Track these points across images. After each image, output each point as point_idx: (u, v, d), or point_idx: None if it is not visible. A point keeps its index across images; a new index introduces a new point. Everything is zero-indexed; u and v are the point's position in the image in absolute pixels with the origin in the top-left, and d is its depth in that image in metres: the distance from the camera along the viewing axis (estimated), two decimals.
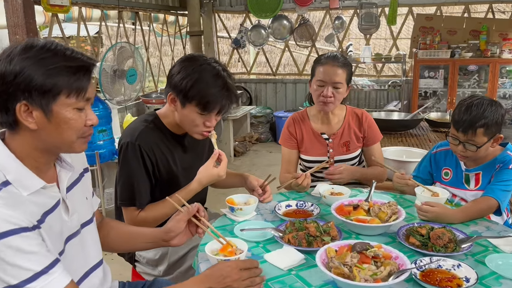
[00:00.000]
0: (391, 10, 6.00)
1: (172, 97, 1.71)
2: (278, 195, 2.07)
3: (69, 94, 1.09)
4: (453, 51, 5.69)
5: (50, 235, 1.13)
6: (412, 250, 1.50)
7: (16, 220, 1.03)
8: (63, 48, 1.10)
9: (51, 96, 1.07)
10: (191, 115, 1.70)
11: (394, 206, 1.69)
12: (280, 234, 1.58)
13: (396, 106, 6.06)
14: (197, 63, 1.68)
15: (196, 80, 1.64)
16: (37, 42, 1.09)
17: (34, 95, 1.06)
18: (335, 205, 1.75)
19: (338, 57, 2.21)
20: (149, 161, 1.72)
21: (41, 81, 1.05)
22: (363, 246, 1.38)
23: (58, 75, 1.06)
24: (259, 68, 8.45)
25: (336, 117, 2.34)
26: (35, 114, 1.08)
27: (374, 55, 6.23)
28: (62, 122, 1.11)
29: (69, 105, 1.10)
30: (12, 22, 3.02)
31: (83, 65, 1.11)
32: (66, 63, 1.08)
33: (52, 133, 1.11)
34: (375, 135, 2.33)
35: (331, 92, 2.17)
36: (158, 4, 5.94)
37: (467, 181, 2.00)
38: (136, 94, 4.35)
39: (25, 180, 1.10)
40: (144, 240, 1.50)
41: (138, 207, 1.73)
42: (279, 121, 6.55)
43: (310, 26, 6.51)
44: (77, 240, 1.26)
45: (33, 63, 1.05)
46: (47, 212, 1.14)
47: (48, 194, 1.16)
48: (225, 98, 1.69)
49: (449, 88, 5.79)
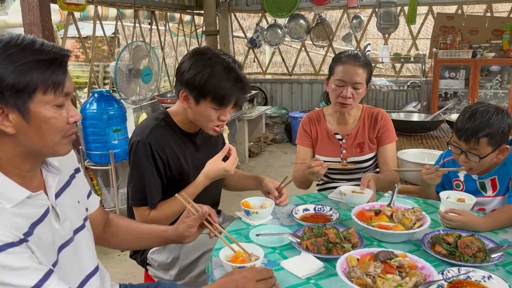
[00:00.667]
0: (410, 9, 5.87)
1: (184, 95, 1.66)
2: (295, 198, 2.00)
3: (46, 91, 1.00)
4: (474, 51, 5.54)
5: (40, 247, 1.04)
6: (438, 259, 1.42)
7: (0, 236, 0.94)
8: (31, 41, 1.00)
9: (26, 94, 0.98)
10: (206, 111, 1.65)
11: (418, 212, 1.61)
12: (298, 240, 1.50)
13: (415, 107, 5.93)
14: (206, 56, 1.63)
15: (209, 75, 1.59)
16: (2, 38, 0.99)
17: (7, 95, 0.97)
18: (355, 210, 1.67)
19: (359, 56, 2.12)
20: (159, 159, 1.68)
21: (12, 80, 0.96)
22: (387, 255, 1.30)
23: (30, 70, 0.97)
24: (274, 68, 8.38)
25: (352, 117, 2.26)
26: (11, 116, 0.99)
27: (393, 55, 6.10)
28: (42, 122, 1.01)
29: (47, 103, 1.01)
30: (28, 20, 3.01)
31: (56, 57, 1.01)
32: (36, 56, 0.98)
33: (33, 136, 1.02)
34: (389, 135, 2.22)
35: (351, 93, 2.08)
36: (174, 3, 5.92)
37: (483, 188, 1.90)
38: (151, 93, 4.33)
39: (7, 191, 1.01)
40: (155, 240, 1.46)
41: (150, 207, 1.68)
42: (295, 122, 6.47)
43: (327, 26, 6.42)
44: (70, 248, 1.18)
45: (1, 61, 0.95)
46: (36, 223, 1.05)
47: (35, 203, 1.07)
48: (239, 90, 1.65)
49: (470, 89, 5.64)
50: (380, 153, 2.23)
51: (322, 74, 7.20)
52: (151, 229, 1.48)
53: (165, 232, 1.44)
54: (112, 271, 3.12)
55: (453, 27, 5.83)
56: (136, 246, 1.55)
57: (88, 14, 4.31)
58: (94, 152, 3.57)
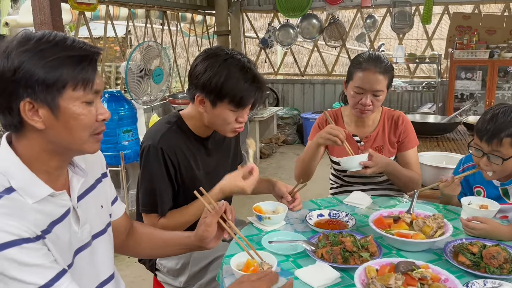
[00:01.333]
0: (426, 8, 5.76)
1: (200, 98, 1.60)
2: (308, 203, 1.93)
3: (76, 87, 1.00)
4: (492, 51, 5.43)
5: (57, 246, 1.03)
6: (462, 270, 1.34)
7: (17, 230, 0.94)
8: (62, 38, 1.00)
9: (56, 90, 0.98)
10: (224, 114, 1.59)
11: (440, 219, 1.53)
12: (313, 247, 1.43)
13: (431, 109, 5.82)
14: (221, 58, 1.57)
15: (226, 77, 1.54)
16: (34, 34, 1.00)
17: (38, 90, 0.97)
18: (373, 217, 1.59)
19: (381, 61, 1.99)
20: (171, 165, 1.62)
21: (43, 75, 0.96)
22: (408, 266, 1.22)
23: (60, 66, 0.97)
24: (286, 69, 8.32)
25: (371, 120, 2.16)
26: (41, 112, 0.99)
27: (408, 55, 5.99)
28: (71, 118, 1.01)
29: (76, 99, 1.01)
30: (38, 20, 2.98)
31: (87, 54, 1.01)
32: (67, 52, 0.99)
33: (61, 132, 1.02)
34: (410, 140, 2.13)
35: (370, 100, 1.98)
36: (185, 3, 5.89)
37: (506, 195, 1.80)
38: (162, 94, 4.29)
39: (31, 187, 1.01)
40: (179, 247, 1.41)
41: (160, 214, 1.63)
42: (307, 123, 6.39)
43: (340, 25, 6.33)
44: (87, 253, 1.16)
45: (32, 56, 0.96)
46: (55, 222, 1.04)
47: (56, 202, 1.06)
48: (257, 90, 1.59)
49: (487, 90, 5.51)
50: (402, 158, 2.13)
51: (335, 75, 7.11)
52: (174, 236, 1.44)
53: (188, 238, 1.39)
54: (121, 273, 3.04)
55: (470, 27, 5.71)
56: (161, 254, 1.51)
57: (99, 13, 4.29)
58: (104, 153, 3.43)
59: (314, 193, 3.86)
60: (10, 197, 0.97)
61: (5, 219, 0.94)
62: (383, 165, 1.92)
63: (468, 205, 1.74)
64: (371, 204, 1.89)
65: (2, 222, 0.93)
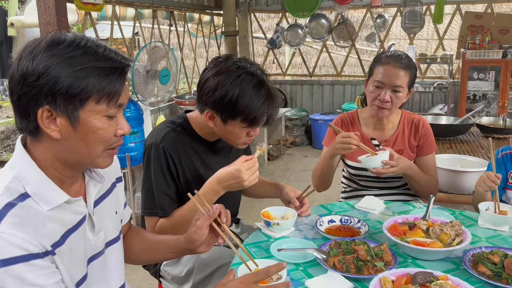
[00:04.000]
0: (437, 8, 5.65)
1: (210, 115, 1.53)
2: (319, 208, 1.86)
3: (100, 100, 0.94)
4: (505, 51, 5.30)
5: (70, 258, 0.98)
6: (482, 280, 1.26)
7: (26, 244, 0.89)
8: (94, 45, 0.95)
9: (79, 101, 0.93)
10: (235, 130, 1.53)
11: (457, 226, 1.45)
12: (324, 256, 1.36)
13: (442, 110, 5.71)
14: (233, 74, 1.48)
15: (238, 96, 1.46)
16: (65, 37, 0.94)
17: (59, 99, 0.91)
18: (387, 224, 1.52)
19: (402, 57, 1.94)
20: (173, 164, 1.56)
21: (68, 84, 0.91)
22: (426, 277, 1.15)
23: (88, 77, 0.92)
24: (294, 69, 8.25)
25: (390, 123, 2.08)
26: (59, 121, 0.94)
27: (418, 56, 5.89)
28: (89, 131, 0.96)
29: (98, 112, 0.95)
30: (44, 20, 2.94)
31: (117, 66, 0.96)
32: (97, 63, 0.93)
33: (77, 144, 0.97)
34: (430, 145, 2.06)
35: (389, 96, 1.91)
36: (193, 3, 5.85)
37: None
38: (169, 95, 4.25)
39: (47, 192, 0.96)
40: (169, 250, 1.33)
41: (161, 216, 1.57)
42: (315, 124, 6.31)
43: (350, 25, 6.24)
44: (99, 262, 1.10)
45: (60, 62, 0.90)
46: (70, 231, 0.99)
47: (72, 209, 1.01)
48: (271, 107, 1.52)
49: (500, 91, 5.38)
50: (420, 163, 2.06)
51: (344, 75, 7.02)
52: (164, 239, 1.38)
53: (177, 240, 1.32)
54: (128, 278, 3.00)
55: (482, 26, 5.59)
56: (153, 258, 1.43)
57: (105, 14, 4.25)
58: None
59: (324, 197, 3.79)
60: (24, 205, 0.92)
61: (16, 231, 0.88)
62: (405, 167, 1.86)
63: (486, 210, 1.67)
64: (384, 209, 1.82)
65: (13, 234, 0.88)
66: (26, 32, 4.07)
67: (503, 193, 1.93)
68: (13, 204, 0.91)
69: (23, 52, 0.93)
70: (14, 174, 0.95)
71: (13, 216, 0.90)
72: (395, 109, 1.99)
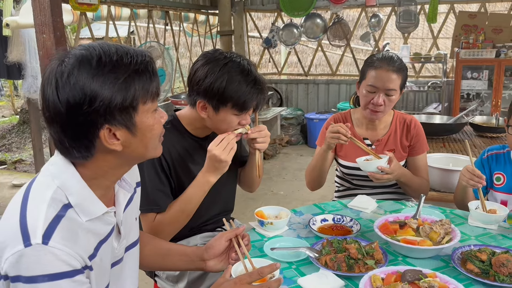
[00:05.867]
0: (431, 7, 5.69)
1: (202, 104, 1.56)
2: (312, 207, 1.88)
3: (146, 100, 0.97)
4: (498, 50, 5.35)
5: (100, 270, 0.99)
6: (470, 278, 1.29)
7: (72, 260, 0.89)
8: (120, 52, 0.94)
9: (132, 109, 0.95)
10: (227, 118, 1.56)
11: (447, 225, 1.48)
12: (316, 254, 1.39)
13: (436, 109, 5.75)
14: (221, 62, 1.53)
15: (227, 81, 1.50)
16: (90, 54, 0.92)
17: (117, 115, 0.93)
18: (378, 222, 1.55)
19: (394, 60, 1.96)
20: (165, 162, 1.60)
21: (120, 99, 0.92)
22: (415, 274, 1.18)
23: (131, 85, 0.93)
24: (290, 69, 8.26)
25: (383, 123, 2.11)
26: (119, 134, 0.95)
27: (413, 55, 5.93)
28: (147, 131, 0.99)
29: (148, 111, 0.99)
30: (39, 20, 2.94)
31: (146, 62, 0.97)
32: (132, 67, 0.94)
33: (138, 147, 1.00)
34: (421, 145, 2.10)
35: (383, 100, 1.94)
36: (188, 3, 5.86)
37: None
38: (165, 94, 4.27)
39: (88, 204, 0.97)
40: (181, 258, 1.35)
41: (157, 211, 1.59)
42: (311, 123, 6.34)
43: (345, 25, 6.27)
44: (118, 268, 1.11)
45: (105, 81, 0.90)
46: (101, 242, 1.00)
47: (105, 220, 1.01)
48: (259, 92, 1.56)
49: (493, 90, 5.43)
50: (412, 162, 2.10)
51: (339, 75, 7.05)
52: (178, 246, 1.41)
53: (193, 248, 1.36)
54: None
55: (476, 26, 5.63)
56: (163, 265, 1.43)
57: (101, 14, 4.26)
58: None
59: (318, 195, 3.82)
60: (68, 217, 0.93)
61: (64, 246, 0.89)
62: (399, 174, 1.90)
63: (476, 209, 1.70)
64: (376, 208, 1.85)
65: (62, 249, 0.88)
66: (21, 33, 4.07)
67: (486, 193, 1.96)
68: (61, 216, 0.91)
69: (50, 81, 0.91)
70: (58, 184, 0.95)
71: (62, 229, 0.90)
72: (389, 110, 2.03)
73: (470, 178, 1.72)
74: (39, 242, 0.86)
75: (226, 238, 1.29)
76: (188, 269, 1.52)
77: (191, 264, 1.35)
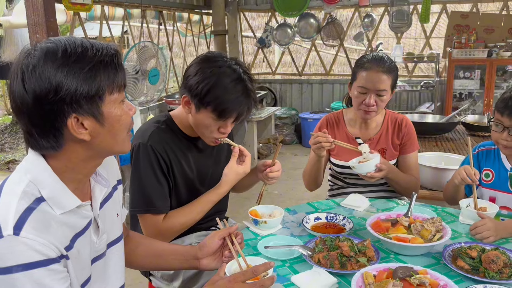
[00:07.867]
0: (424, 7, 5.72)
1: (186, 100, 1.58)
2: (306, 206, 1.90)
3: (112, 90, 0.99)
4: (490, 50, 5.39)
5: (78, 262, 1.01)
6: (461, 274, 1.31)
7: (45, 249, 0.91)
8: (85, 45, 0.97)
9: (98, 98, 0.97)
10: (206, 120, 1.56)
11: (438, 222, 1.50)
12: (309, 252, 1.41)
13: (429, 108, 5.79)
14: (216, 64, 1.53)
15: (213, 85, 1.50)
16: (55, 46, 0.94)
17: (83, 103, 0.95)
18: (370, 220, 1.57)
19: (384, 60, 1.97)
20: (163, 161, 1.60)
21: (85, 87, 0.94)
22: (406, 271, 1.20)
23: (97, 74, 0.96)
24: (284, 68, 8.27)
25: (374, 122, 2.14)
26: (86, 123, 0.97)
27: (406, 55, 5.97)
28: (114, 121, 1.01)
29: (115, 101, 1.00)
30: (32, 20, 2.94)
31: (111, 54, 0.99)
32: (97, 58, 0.96)
33: (106, 137, 1.01)
34: (412, 143, 2.12)
35: (374, 100, 1.96)
36: (182, 3, 5.85)
37: None
38: (159, 94, 4.26)
39: (61, 197, 0.99)
40: (175, 257, 1.37)
41: (156, 213, 1.59)
42: (305, 123, 6.36)
43: (338, 25, 6.30)
44: (101, 263, 1.13)
45: (69, 71, 0.92)
46: (78, 235, 1.01)
47: (80, 214, 1.03)
48: (243, 104, 1.55)
49: (485, 90, 5.48)
50: (403, 161, 2.13)
51: (333, 74, 7.08)
52: (172, 246, 1.43)
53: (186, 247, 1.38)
54: None
55: (468, 26, 5.68)
56: (157, 265, 1.44)
57: (94, 14, 4.25)
58: None
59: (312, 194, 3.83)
60: (41, 209, 0.94)
61: (37, 236, 0.90)
62: (388, 170, 1.92)
63: (467, 207, 1.72)
64: (369, 206, 1.87)
65: (34, 239, 0.90)
66: (14, 32, 4.06)
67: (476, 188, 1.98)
68: (33, 209, 0.93)
69: (16, 74, 0.93)
70: (30, 178, 0.97)
71: (34, 220, 0.91)
72: (381, 110, 2.05)
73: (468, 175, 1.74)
74: (10, 233, 0.89)
75: (219, 236, 1.31)
76: (183, 268, 1.53)
77: (185, 263, 1.37)
